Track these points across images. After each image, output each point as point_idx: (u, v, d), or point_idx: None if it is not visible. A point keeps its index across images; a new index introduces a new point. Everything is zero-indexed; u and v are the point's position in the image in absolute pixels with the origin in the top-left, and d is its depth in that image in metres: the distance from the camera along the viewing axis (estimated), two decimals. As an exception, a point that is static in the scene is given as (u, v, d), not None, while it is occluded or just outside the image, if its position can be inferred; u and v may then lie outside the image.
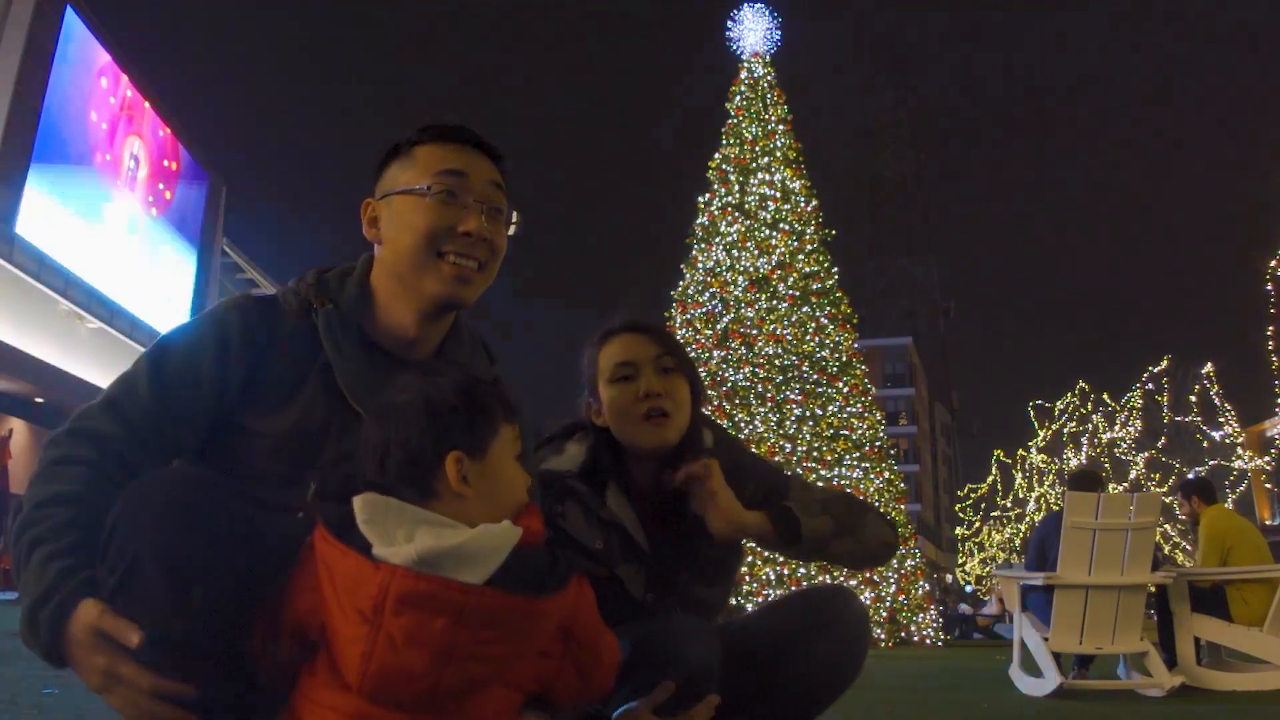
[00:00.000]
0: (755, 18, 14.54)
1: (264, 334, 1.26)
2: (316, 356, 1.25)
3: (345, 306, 1.29)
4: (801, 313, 12.20)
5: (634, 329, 1.59)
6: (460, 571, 0.97)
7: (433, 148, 1.30)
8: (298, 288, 1.30)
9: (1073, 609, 4.74)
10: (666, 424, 1.52)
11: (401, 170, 1.30)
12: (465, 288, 1.27)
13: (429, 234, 1.25)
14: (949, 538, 56.61)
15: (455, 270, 1.26)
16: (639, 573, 1.52)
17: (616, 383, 1.55)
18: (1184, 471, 25.62)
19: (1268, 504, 34.84)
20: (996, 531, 36.34)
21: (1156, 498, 5.18)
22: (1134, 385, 28.06)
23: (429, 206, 1.26)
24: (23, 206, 19.46)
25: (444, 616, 0.94)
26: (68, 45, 21.13)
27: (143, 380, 1.20)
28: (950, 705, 4.39)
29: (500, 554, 1.00)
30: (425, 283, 1.26)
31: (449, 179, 1.27)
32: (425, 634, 0.95)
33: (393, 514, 1.03)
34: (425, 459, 1.07)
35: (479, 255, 1.27)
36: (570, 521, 1.53)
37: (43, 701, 2.88)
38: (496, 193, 1.30)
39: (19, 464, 17.29)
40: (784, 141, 13.48)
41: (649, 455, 1.56)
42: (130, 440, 1.15)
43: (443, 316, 1.32)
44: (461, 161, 1.28)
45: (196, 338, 1.24)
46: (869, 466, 11.74)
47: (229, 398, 1.22)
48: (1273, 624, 5.07)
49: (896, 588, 11.25)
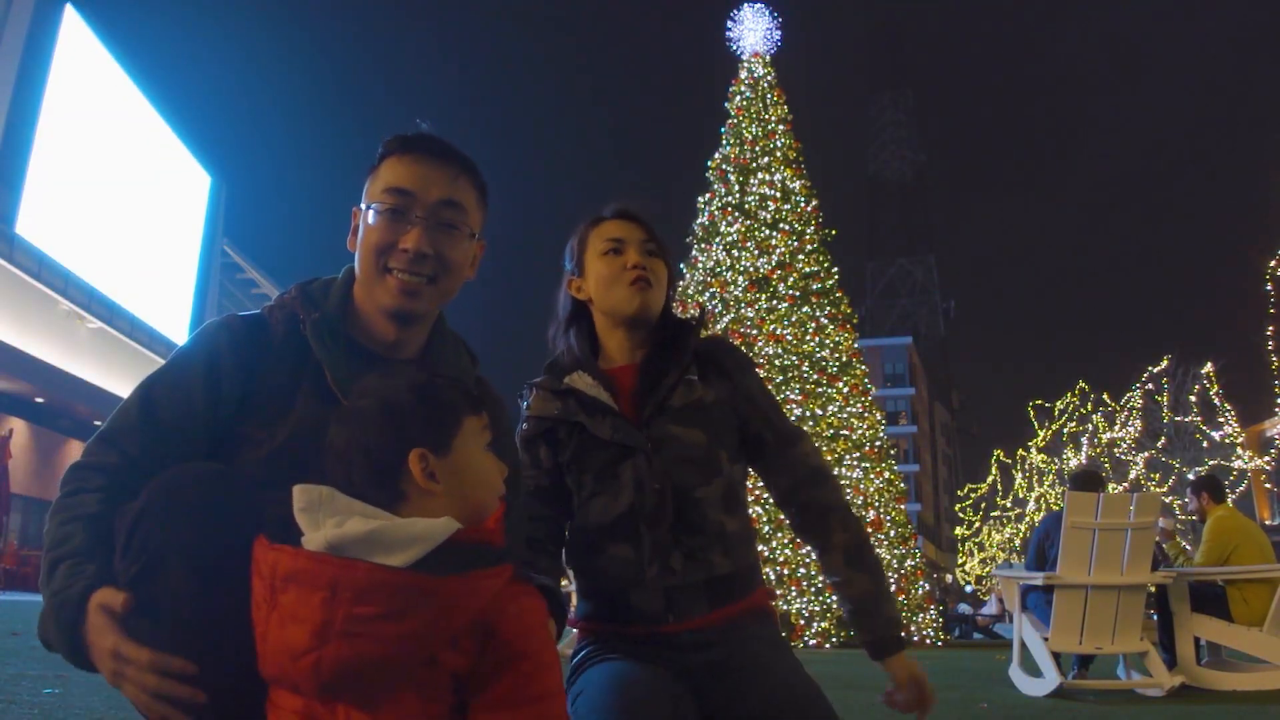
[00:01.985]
0: (755, 18, 14.55)
1: (254, 350, 1.29)
2: (308, 363, 1.28)
3: (330, 313, 1.32)
4: (801, 313, 12.20)
5: (624, 215, 1.71)
6: (376, 557, 0.96)
7: (393, 161, 1.33)
8: (283, 302, 1.34)
9: (1073, 609, 4.75)
10: (649, 291, 1.65)
11: (371, 183, 1.35)
12: (414, 300, 1.30)
13: (374, 250, 1.30)
14: (949, 538, 56.64)
15: (400, 284, 1.29)
16: (605, 419, 1.59)
17: (606, 255, 1.67)
18: (1184, 471, 25.62)
19: (1268, 504, 34.85)
20: (996, 531, 36.38)
21: (1156, 498, 5.18)
22: (1134, 385, 28.06)
23: (376, 225, 1.31)
24: (23, 206, 19.47)
25: (321, 591, 0.94)
26: (67, 45, 21.13)
27: (135, 411, 1.23)
28: (950, 705, 4.38)
29: (425, 543, 0.98)
30: (377, 295, 1.31)
31: (394, 197, 1.30)
32: (305, 609, 0.95)
33: (326, 503, 1.03)
34: (388, 460, 1.07)
35: (424, 270, 1.30)
36: (533, 407, 1.65)
37: (43, 701, 2.88)
38: (446, 209, 1.32)
39: (19, 464, 17.30)
40: (784, 141, 13.48)
41: (629, 322, 1.66)
42: (131, 470, 1.18)
43: (410, 324, 1.34)
44: (412, 178, 1.31)
45: (186, 362, 1.27)
46: (869, 466, 11.73)
47: (224, 416, 1.25)
48: (1273, 624, 5.07)
49: (896, 588, 11.25)
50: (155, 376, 1.27)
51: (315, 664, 0.94)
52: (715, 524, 1.56)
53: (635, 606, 1.53)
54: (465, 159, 1.36)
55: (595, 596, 1.59)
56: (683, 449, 1.58)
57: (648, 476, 1.55)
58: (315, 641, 0.94)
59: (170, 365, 1.28)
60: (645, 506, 1.54)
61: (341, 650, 0.93)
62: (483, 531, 1.05)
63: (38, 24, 20.06)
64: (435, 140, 1.35)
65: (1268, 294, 22.87)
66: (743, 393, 1.68)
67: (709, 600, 1.54)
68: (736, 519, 1.61)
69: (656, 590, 1.52)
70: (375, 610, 0.93)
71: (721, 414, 1.65)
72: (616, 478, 1.56)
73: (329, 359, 1.27)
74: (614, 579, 1.55)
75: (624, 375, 1.66)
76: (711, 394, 1.64)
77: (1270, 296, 22.87)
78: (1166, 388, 27.79)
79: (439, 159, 1.33)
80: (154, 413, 1.22)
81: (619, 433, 1.58)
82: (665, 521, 1.54)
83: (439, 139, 1.36)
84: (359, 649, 0.93)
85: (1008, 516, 35.02)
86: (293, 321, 1.30)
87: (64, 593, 1.07)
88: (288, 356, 1.28)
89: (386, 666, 0.95)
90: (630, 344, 1.68)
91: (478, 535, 1.04)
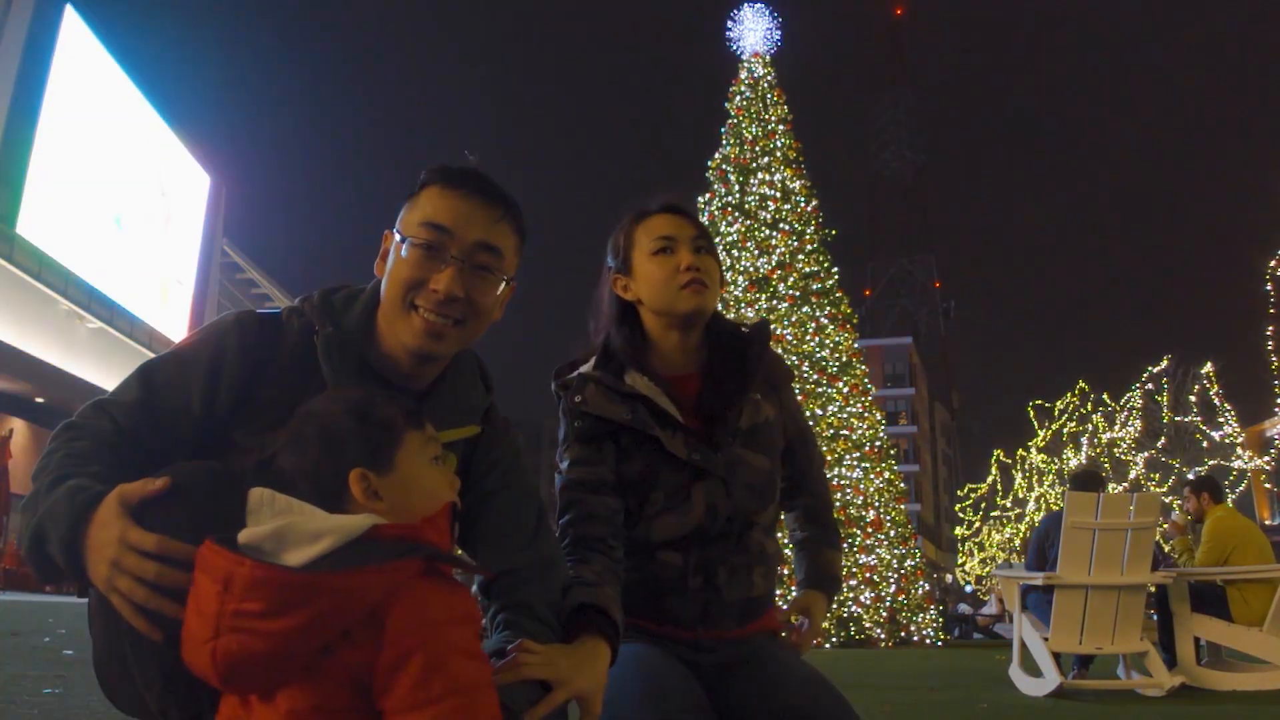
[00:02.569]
0: (755, 18, 14.56)
1: (264, 352, 1.27)
2: (313, 378, 1.25)
3: (347, 330, 1.29)
4: (801, 313, 12.21)
5: (672, 210, 1.66)
6: (283, 553, 0.98)
7: (433, 192, 1.28)
8: (302, 308, 1.31)
9: (1073, 609, 4.75)
10: (705, 292, 1.59)
11: (408, 211, 1.30)
12: (438, 342, 1.26)
13: (403, 286, 1.26)
14: (949, 538, 56.61)
15: (425, 325, 1.25)
16: (676, 435, 1.56)
17: (657, 255, 1.61)
18: (1184, 471, 25.59)
19: (1267, 504, 34.83)
20: (996, 531, 36.33)
21: (1156, 498, 5.18)
22: (1134, 385, 28.05)
23: (409, 260, 1.26)
24: (23, 206, 19.47)
25: (217, 584, 0.97)
26: (68, 45, 21.13)
27: (134, 389, 1.22)
28: (950, 705, 4.39)
29: (333, 536, 0.99)
30: (400, 331, 1.27)
31: (431, 232, 1.25)
32: (205, 600, 0.98)
33: (267, 504, 1.05)
34: (328, 483, 1.08)
35: (453, 313, 1.26)
36: (591, 404, 1.57)
37: (43, 701, 2.88)
38: (482, 252, 1.27)
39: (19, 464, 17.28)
40: (784, 141, 13.48)
41: (683, 324, 1.61)
42: (120, 439, 1.17)
43: (429, 363, 1.31)
44: (452, 215, 1.26)
45: (192, 355, 1.25)
46: (869, 466, 11.74)
47: (218, 416, 1.24)
48: (1273, 624, 5.07)
49: (896, 588, 11.25)
50: (158, 363, 1.26)
51: (212, 654, 0.96)
52: (758, 545, 1.60)
53: (669, 610, 1.55)
54: (510, 201, 1.31)
55: (628, 590, 1.57)
56: (751, 475, 1.59)
57: (721, 503, 1.55)
58: (211, 632, 0.96)
59: (175, 357, 1.26)
60: (711, 530, 1.55)
61: (230, 644, 0.95)
62: (404, 527, 1.04)
63: (38, 24, 20.06)
64: (481, 178, 1.30)
65: (1268, 294, 22.87)
66: (789, 410, 1.71)
67: (739, 618, 1.57)
68: (773, 540, 1.65)
69: (696, 600, 1.54)
70: (259, 607, 0.95)
71: (776, 435, 1.67)
72: (689, 499, 1.54)
73: (335, 378, 1.25)
74: (656, 581, 1.55)
75: (686, 384, 1.63)
76: (771, 412, 1.65)
77: (1270, 296, 22.86)
78: (1166, 388, 27.78)
79: (483, 198, 1.28)
80: (151, 398, 1.21)
81: (695, 453, 1.55)
82: (725, 545, 1.56)
83: (485, 177, 1.31)
84: (244, 644, 0.95)
85: (1008, 516, 34.98)
86: (308, 331, 1.28)
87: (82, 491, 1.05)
88: (295, 367, 1.26)
89: (274, 660, 0.96)
90: (685, 346, 1.64)
91: (398, 531, 1.03)
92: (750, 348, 1.65)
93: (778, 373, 1.71)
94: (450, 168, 1.30)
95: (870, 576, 11.03)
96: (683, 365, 1.64)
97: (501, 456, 1.38)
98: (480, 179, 1.30)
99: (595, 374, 1.61)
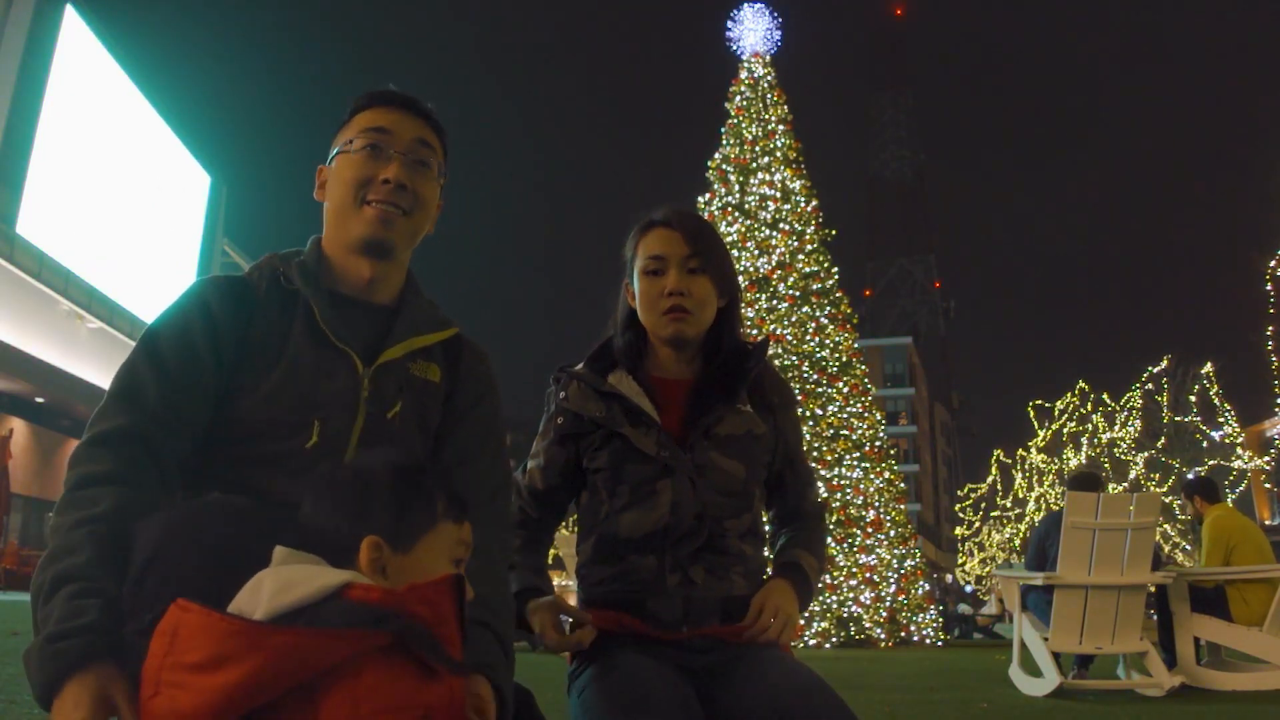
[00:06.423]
0: (755, 18, 14.54)
1: (242, 304, 1.33)
2: (295, 308, 1.33)
3: (309, 262, 1.38)
4: (801, 313, 12.21)
5: (669, 224, 1.68)
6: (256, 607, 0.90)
7: (366, 112, 1.41)
8: (259, 265, 1.39)
9: (1073, 609, 4.75)
10: (684, 319, 1.62)
11: (343, 133, 1.43)
12: (388, 230, 1.36)
13: (355, 184, 1.37)
14: (949, 538, 56.63)
15: (377, 213, 1.35)
16: (649, 433, 1.59)
17: (647, 275, 1.65)
18: (1184, 471, 25.58)
19: (1268, 504, 34.84)
20: (996, 531, 36.34)
21: (1156, 498, 5.18)
22: (1134, 385, 28.03)
23: (356, 160, 1.37)
24: (23, 206, 19.47)
25: (165, 635, 0.90)
26: (68, 45, 21.13)
27: (142, 365, 1.23)
28: (950, 705, 4.39)
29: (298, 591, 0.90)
30: (352, 227, 1.37)
31: (373, 135, 1.38)
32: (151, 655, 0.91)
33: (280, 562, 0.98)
34: (336, 539, 0.99)
35: (401, 202, 1.36)
36: (572, 400, 1.65)
37: (43, 702, 2.88)
38: (421, 147, 1.40)
39: (19, 464, 17.30)
40: (784, 141, 13.48)
41: (670, 345, 1.67)
42: (149, 424, 1.18)
43: (382, 258, 1.39)
44: (388, 120, 1.40)
45: (183, 315, 1.29)
46: (869, 466, 11.73)
47: (226, 363, 1.28)
48: (1273, 624, 5.07)
49: (896, 588, 11.25)
50: (155, 330, 1.28)
51: (150, 713, 0.89)
52: (736, 548, 1.61)
53: (652, 612, 1.56)
54: (430, 109, 1.45)
55: (611, 597, 1.60)
56: (722, 479, 1.60)
57: (686, 500, 1.57)
58: (151, 690, 0.89)
59: (168, 318, 1.29)
60: (677, 529, 1.56)
61: (161, 703, 0.88)
62: (382, 592, 0.92)
63: (38, 24, 20.06)
64: (404, 94, 1.44)
65: (1268, 294, 22.86)
66: (782, 432, 1.71)
67: (722, 616, 1.57)
68: (755, 549, 1.65)
69: (677, 599, 1.56)
70: (197, 657, 0.87)
71: (761, 450, 1.67)
72: (654, 494, 1.57)
73: (315, 296, 1.31)
74: (637, 585, 1.57)
75: (675, 389, 1.66)
76: (760, 427, 1.66)
77: (1270, 296, 22.84)
78: (1166, 388, 27.77)
79: (409, 108, 1.42)
80: (163, 364, 1.23)
81: (664, 450, 1.58)
82: (694, 545, 1.57)
83: (409, 94, 1.45)
84: (174, 700, 0.87)
85: (1008, 516, 34.98)
86: (274, 277, 1.35)
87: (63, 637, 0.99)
88: (273, 306, 1.33)
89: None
90: (680, 357, 1.69)
91: (372, 596, 0.91)
92: (746, 361, 1.67)
93: (780, 395, 1.72)
94: (376, 90, 1.44)
95: (870, 576, 11.02)
96: (677, 372, 1.69)
97: (485, 373, 1.46)
98: (404, 95, 1.43)
99: (581, 372, 1.68)
